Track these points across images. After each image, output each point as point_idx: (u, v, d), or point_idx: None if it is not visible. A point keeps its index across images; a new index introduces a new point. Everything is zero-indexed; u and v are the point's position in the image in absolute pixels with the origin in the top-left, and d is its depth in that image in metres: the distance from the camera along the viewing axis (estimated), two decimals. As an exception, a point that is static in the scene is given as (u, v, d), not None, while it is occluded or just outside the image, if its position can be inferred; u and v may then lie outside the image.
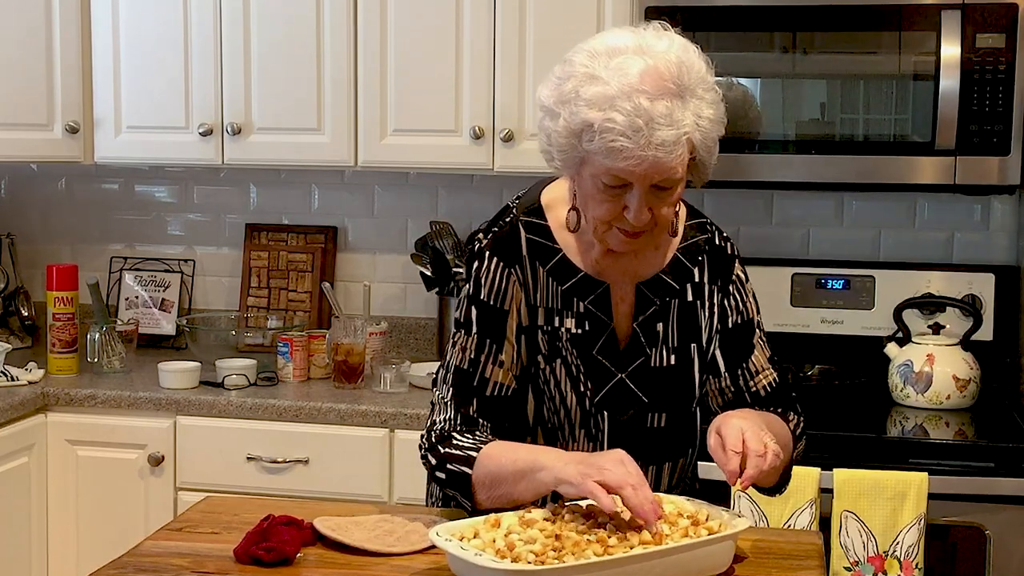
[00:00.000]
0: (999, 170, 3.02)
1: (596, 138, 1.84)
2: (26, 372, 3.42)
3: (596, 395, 2.05)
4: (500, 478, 1.93)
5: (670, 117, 1.83)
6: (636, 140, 1.82)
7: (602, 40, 1.91)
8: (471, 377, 2.03)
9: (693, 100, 1.86)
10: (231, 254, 3.92)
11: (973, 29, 2.99)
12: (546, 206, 2.07)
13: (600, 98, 1.83)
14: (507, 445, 1.99)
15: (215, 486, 3.19)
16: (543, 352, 2.04)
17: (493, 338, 2.03)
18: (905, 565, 2.77)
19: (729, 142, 3.15)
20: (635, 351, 2.06)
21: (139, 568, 1.87)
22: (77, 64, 3.53)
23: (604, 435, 2.06)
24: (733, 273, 2.12)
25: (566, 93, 1.88)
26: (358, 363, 3.39)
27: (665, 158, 1.83)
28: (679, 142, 1.84)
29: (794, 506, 2.79)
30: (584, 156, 1.89)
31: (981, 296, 3.34)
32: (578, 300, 2.04)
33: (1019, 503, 2.80)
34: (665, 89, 1.83)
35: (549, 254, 2.05)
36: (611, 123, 1.82)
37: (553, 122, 1.91)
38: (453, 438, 2.01)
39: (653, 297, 2.07)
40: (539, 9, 3.28)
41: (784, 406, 2.13)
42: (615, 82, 1.83)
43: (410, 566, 1.87)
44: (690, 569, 1.79)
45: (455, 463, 1.98)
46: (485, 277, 2.04)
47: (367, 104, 3.41)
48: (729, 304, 2.11)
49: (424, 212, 3.77)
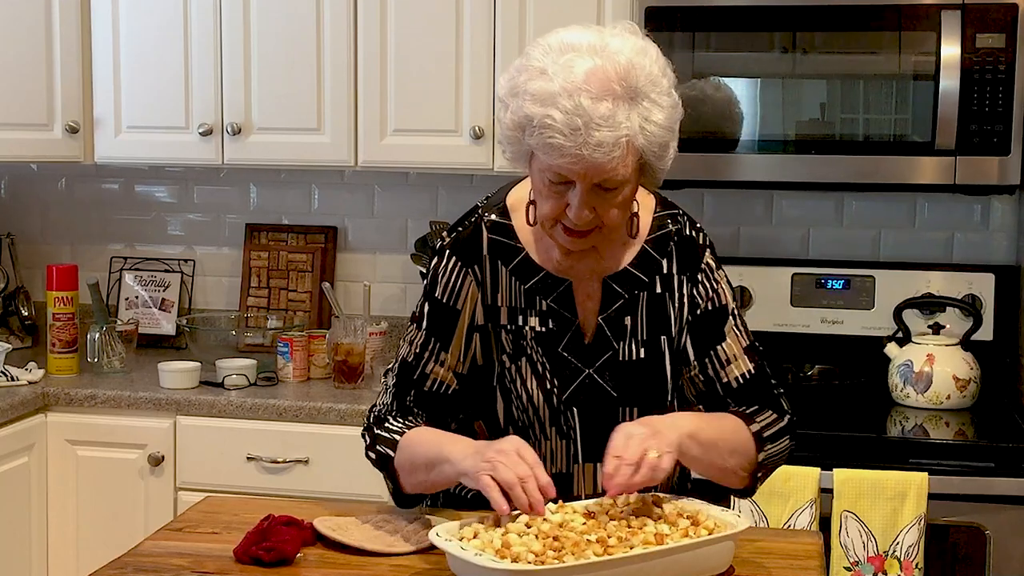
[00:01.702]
0: (999, 170, 3.02)
1: (536, 133, 1.85)
2: (26, 372, 3.42)
3: (564, 392, 2.05)
4: (416, 465, 1.98)
5: (611, 119, 1.82)
6: (573, 139, 1.82)
7: (560, 36, 1.91)
8: (413, 370, 2.07)
9: (643, 103, 1.85)
10: (231, 254, 3.92)
11: (973, 29, 2.99)
12: (511, 206, 2.08)
13: (543, 93, 1.84)
14: (426, 433, 2.02)
15: (215, 486, 3.19)
16: (508, 351, 2.05)
17: (439, 337, 2.06)
18: (905, 565, 2.77)
19: (727, 143, 3.19)
20: (601, 346, 2.05)
21: (139, 568, 1.87)
22: (77, 64, 3.53)
23: (576, 432, 2.06)
24: (702, 262, 2.08)
25: (517, 86, 1.89)
26: (358, 363, 3.39)
27: (602, 159, 1.83)
28: (617, 144, 1.83)
29: (794, 506, 2.80)
30: (530, 150, 1.90)
31: (981, 296, 3.34)
32: (541, 298, 2.05)
33: (1019, 503, 2.80)
34: (610, 90, 1.83)
35: (512, 253, 2.06)
36: (550, 119, 1.82)
37: (504, 113, 1.92)
38: (386, 421, 2.07)
39: (620, 291, 2.06)
40: (539, 9, 3.28)
41: (760, 401, 2.07)
42: (559, 79, 1.83)
43: (410, 566, 1.87)
44: (690, 569, 1.79)
45: (382, 445, 2.04)
46: (442, 275, 2.06)
47: (367, 104, 3.41)
48: (698, 292, 2.07)
49: (424, 212, 3.77)
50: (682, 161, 3.12)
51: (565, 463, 2.06)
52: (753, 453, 2.01)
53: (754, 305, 3.45)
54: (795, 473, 2.80)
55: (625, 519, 1.84)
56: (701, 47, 3.18)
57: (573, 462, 2.06)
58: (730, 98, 3.23)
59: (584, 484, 2.07)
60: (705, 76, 3.18)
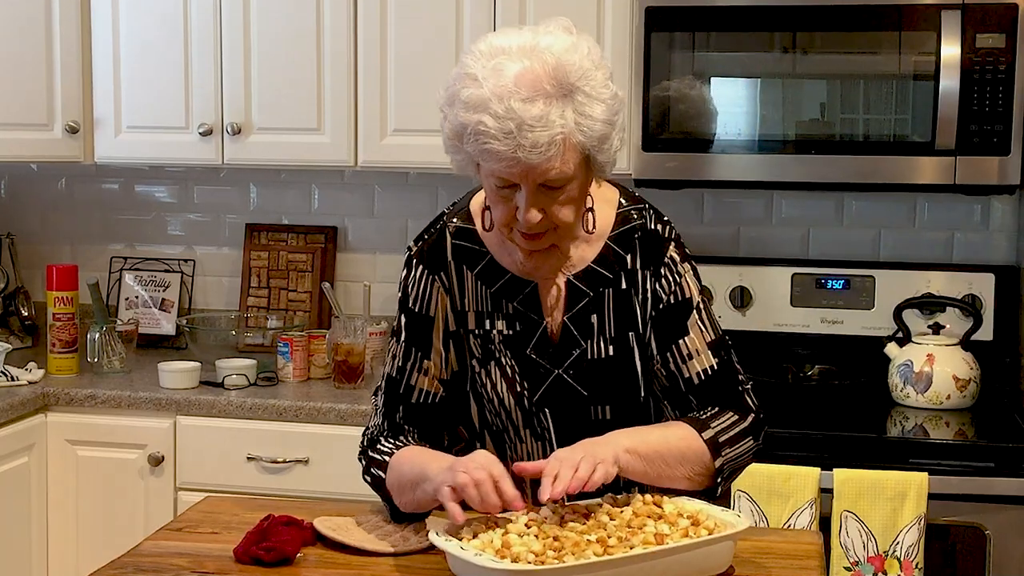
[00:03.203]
0: (999, 170, 3.02)
1: (472, 140, 1.85)
2: (26, 372, 3.42)
3: (534, 394, 2.05)
4: (403, 486, 1.99)
5: (544, 119, 1.81)
6: (507, 143, 1.81)
7: (491, 40, 1.90)
8: (398, 385, 2.08)
9: (577, 98, 1.84)
10: (231, 254, 3.92)
11: (973, 29, 2.99)
12: (474, 211, 2.08)
13: (475, 100, 1.83)
14: (411, 453, 2.02)
15: (215, 486, 3.19)
16: (476, 356, 2.05)
17: (419, 346, 2.06)
18: (905, 565, 2.77)
19: (727, 143, 3.19)
20: (569, 345, 2.04)
21: (139, 568, 1.87)
22: (77, 64, 3.53)
23: (551, 433, 2.06)
24: (666, 255, 2.05)
25: (452, 94, 1.88)
26: (358, 363, 3.39)
27: (538, 159, 1.82)
28: (552, 143, 1.82)
29: (794, 506, 2.80)
30: (468, 155, 1.89)
31: (981, 296, 3.34)
32: (507, 301, 2.04)
33: (1019, 503, 2.80)
34: (541, 90, 1.82)
35: (476, 258, 2.06)
36: (482, 126, 1.82)
37: (443, 122, 1.92)
38: (379, 442, 2.07)
39: (585, 289, 2.04)
40: (539, 10, 3.28)
41: (723, 398, 2.04)
42: (489, 84, 1.83)
43: (410, 566, 1.87)
44: (690, 569, 1.79)
45: (376, 468, 2.05)
46: (412, 285, 2.07)
47: (367, 104, 3.41)
48: (661, 286, 2.04)
49: (424, 212, 3.76)
50: (682, 161, 3.18)
51: None
52: (708, 459, 1.98)
53: (754, 305, 3.45)
54: (795, 473, 2.80)
55: (625, 519, 1.84)
56: (701, 47, 3.18)
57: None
58: (730, 98, 3.23)
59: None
60: (705, 76, 3.19)
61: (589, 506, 1.89)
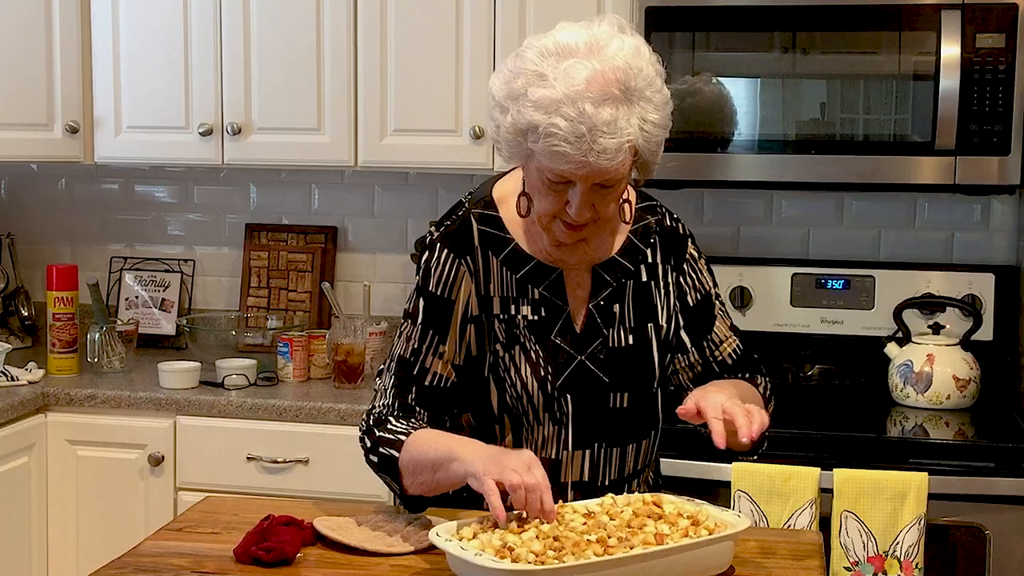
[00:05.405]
0: (999, 170, 3.02)
1: (540, 140, 1.87)
2: (26, 372, 3.42)
3: (557, 379, 2.07)
4: (422, 465, 1.98)
5: (613, 124, 1.85)
6: (578, 146, 1.85)
7: (554, 38, 1.92)
8: (412, 366, 2.08)
9: (639, 104, 1.89)
10: (231, 254, 3.92)
11: (973, 29, 3.00)
12: (498, 200, 2.11)
13: (546, 101, 1.86)
14: (433, 434, 2.02)
15: (215, 486, 3.19)
16: (501, 340, 2.07)
17: (436, 329, 2.07)
18: (905, 565, 2.77)
19: (727, 143, 3.19)
20: (592, 333, 2.09)
21: (139, 568, 1.87)
22: (77, 64, 3.53)
23: (569, 418, 2.08)
24: (686, 252, 2.18)
25: (516, 90, 1.91)
26: (358, 363, 3.39)
27: (606, 164, 1.87)
28: (621, 149, 1.87)
29: (794, 506, 2.80)
30: (530, 151, 1.92)
31: (981, 296, 3.34)
32: (532, 287, 2.08)
33: (1019, 503, 2.80)
34: (610, 95, 1.86)
35: (502, 244, 2.08)
36: (555, 128, 1.85)
37: (502, 116, 1.94)
38: (388, 422, 2.06)
39: (609, 279, 2.11)
40: (539, 9, 3.28)
41: (750, 370, 2.21)
42: (561, 86, 1.85)
43: (410, 566, 1.87)
44: (690, 569, 1.79)
45: (386, 447, 2.03)
46: (435, 268, 2.08)
47: (367, 104, 3.41)
48: (685, 282, 2.16)
49: (424, 212, 3.77)
50: (682, 161, 3.17)
51: (555, 449, 2.08)
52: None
53: (754, 305, 3.45)
54: (795, 473, 2.80)
55: (625, 519, 1.84)
56: (701, 47, 3.18)
57: (563, 448, 2.09)
58: (730, 98, 3.23)
59: (572, 471, 2.09)
60: (705, 76, 3.18)
61: (589, 506, 1.89)
